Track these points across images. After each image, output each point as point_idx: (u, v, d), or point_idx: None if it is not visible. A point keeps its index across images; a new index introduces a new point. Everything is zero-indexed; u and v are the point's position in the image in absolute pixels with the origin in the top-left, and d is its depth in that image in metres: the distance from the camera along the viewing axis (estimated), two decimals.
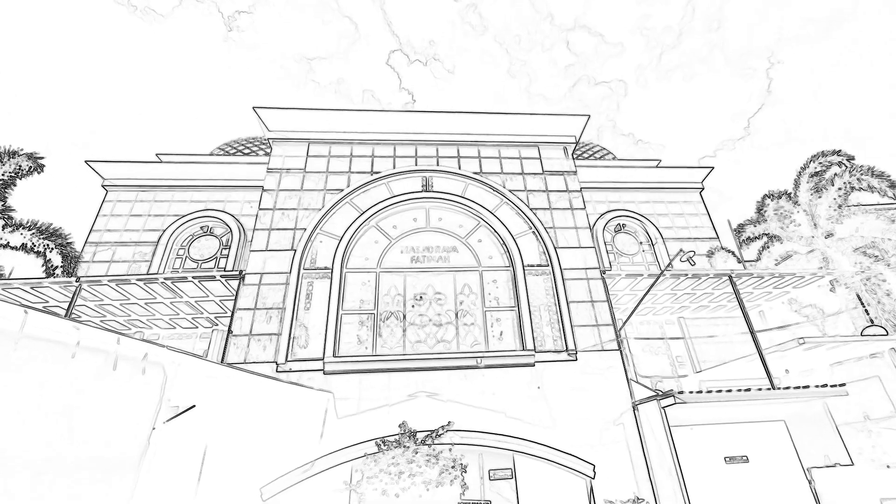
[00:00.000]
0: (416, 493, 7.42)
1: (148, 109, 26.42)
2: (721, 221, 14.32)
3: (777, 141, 27.05)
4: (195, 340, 12.20)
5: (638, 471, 8.21)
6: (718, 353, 12.38)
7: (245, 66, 27.71)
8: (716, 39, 28.03)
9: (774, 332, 12.40)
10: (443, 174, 11.67)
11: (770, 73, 27.48)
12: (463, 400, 8.72)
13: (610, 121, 30.83)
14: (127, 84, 25.97)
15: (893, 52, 24.59)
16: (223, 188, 13.11)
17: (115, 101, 25.76)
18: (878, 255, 11.95)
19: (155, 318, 11.69)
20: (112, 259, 11.92)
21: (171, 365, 5.14)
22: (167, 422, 4.97)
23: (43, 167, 11.82)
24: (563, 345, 9.56)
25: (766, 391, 8.37)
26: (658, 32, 28.66)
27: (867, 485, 8.30)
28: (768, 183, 14.49)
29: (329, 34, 28.21)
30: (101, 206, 12.59)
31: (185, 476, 5.44)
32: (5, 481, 3.55)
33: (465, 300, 10.17)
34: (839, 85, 26.04)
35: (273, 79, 28.34)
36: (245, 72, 27.81)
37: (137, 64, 25.99)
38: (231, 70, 27.53)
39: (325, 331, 9.34)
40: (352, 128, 11.89)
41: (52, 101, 24.15)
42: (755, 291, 12.12)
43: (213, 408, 5.83)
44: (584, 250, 10.85)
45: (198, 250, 12.43)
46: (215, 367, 6.20)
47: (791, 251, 13.04)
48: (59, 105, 24.28)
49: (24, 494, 3.67)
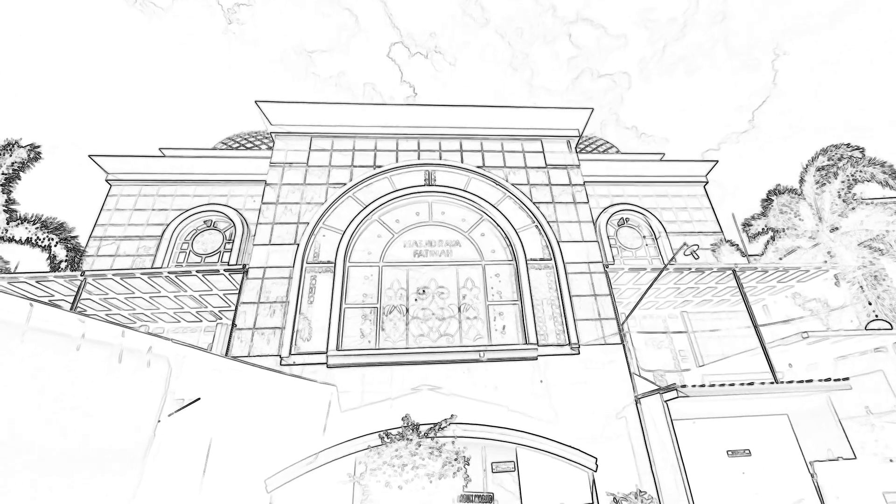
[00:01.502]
0: (420, 486, 7.47)
1: (150, 103, 26.40)
2: (725, 215, 14.25)
3: (782, 134, 26.84)
4: (199, 334, 12.26)
5: (640, 464, 8.24)
6: (721, 348, 12.38)
7: (245, 59, 27.62)
8: (720, 31, 27.76)
9: (778, 327, 12.38)
10: (445, 168, 11.64)
11: (776, 64, 27.22)
12: (465, 393, 8.75)
13: (613, 114, 30.65)
14: (129, 78, 25.93)
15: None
16: (226, 182, 13.11)
17: (118, 95, 25.74)
18: (882, 248, 11.89)
19: (159, 312, 11.74)
20: (116, 253, 11.96)
21: (175, 358, 5.16)
22: (172, 414, 5.00)
23: (40, 154, 11.82)
24: (565, 339, 9.56)
25: (769, 385, 8.36)
26: (662, 24, 28.38)
27: (870, 479, 8.30)
28: (773, 176, 14.41)
29: (329, 27, 28.04)
30: (104, 201, 12.62)
31: (190, 468, 5.48)
32: (11, 472, 3.58)
33: (468, 294, 10.17)
34: (845, 77, 25.78)
35: (273, 72, 28.25)
36: (246, 65, 27.72)
37: (138, 58, 25.93)
38: (231, 63, 27.45)
39: (328, 324, 9.37)
40: (354, 121, 11.85)
41: (55, 97, 24.14)
42: (759, 286, 12.08)
43: (218, 401, 5.87)
44: (587, 244, 10.82)
45: (201, 244, 12.46)
46: (220, 360, 6.22)
47: (795, 246, 12.98)
48: (61, 100, 24.28)
49: (29, 485, 3.71)
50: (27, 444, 3.72)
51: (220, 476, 5.87)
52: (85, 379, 4.18)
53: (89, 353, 4.20)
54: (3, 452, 3.54)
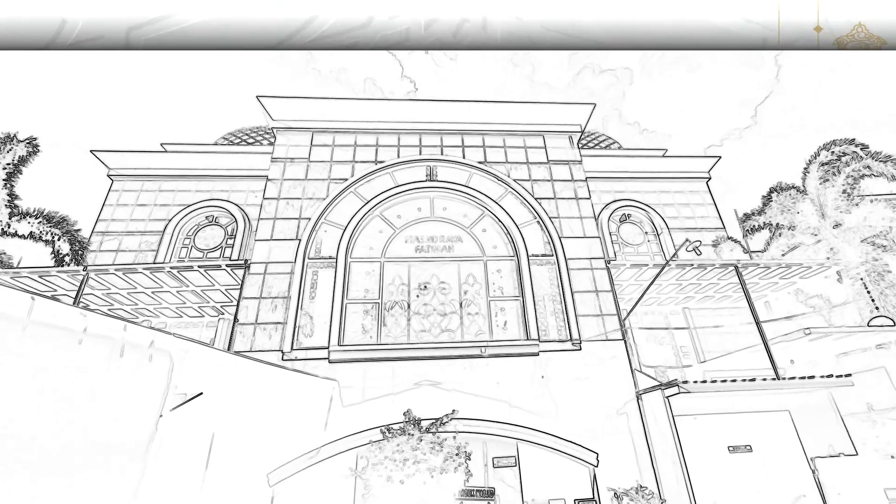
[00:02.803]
0: (421, 480, 7.49)
1: (151, 98, 26.34)
2: (728, 211, 14.20)
3: (785, 130, 26.68)
4: (202, 329, 12.29)
5: (641, 459, 8.25)
6: (723, 344, 12.35)
7: (245, 54, 27.50)
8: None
9: (780, 323, 12.35)
10: (447, 163, 11.61)
11: (779, 59, 27.03)
12: (467, 389, 8.76)
13: (615, 109, 30.47)
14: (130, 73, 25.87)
15: None
16: (228, 178, 13.10)
17: (119, 90, 25.69)
18: (885, 244, 11.84)
19: (162, 307, 11.77)
20: (119, 248, 11.97)
21: (178, 352, 5.17)
22: (175, 409, 5.02)
23: (37, 147, 11.83)
24: (567, 334, 9.56)
25: (770, 382, 8.35)
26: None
27: (871, 475, 8.31)
28: (776, 172, 14.32)
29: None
30: (106, 196, 12.63)
31: (192, 463, 5.50)
32: (13, 465, 3.60)
33: (470, 290, 10.17)
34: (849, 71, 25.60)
35: (273, 66, 28.15)
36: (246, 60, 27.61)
37: (139, 53, 25.84)
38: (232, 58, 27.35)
39: (329, 320, 9.38)
40: (356, 117, 11.82)
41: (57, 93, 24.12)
42: (761, 282, 12.05)
43: (221, 395, 5.88)
44: (588, 240, 10.80)
45: (203, 240, 12.47)
46: (222, 354, 6.24)
47: (798, 242, 12.93)
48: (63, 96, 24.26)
49: (31, 479, 3.72)
50: (28, 438, 3.73)
51: (222, 470, 5.89)
52: (87, 372, 4.19)
53: (91, 346, 4.21)
54: (3, 447, 3.55)
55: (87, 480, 4.09)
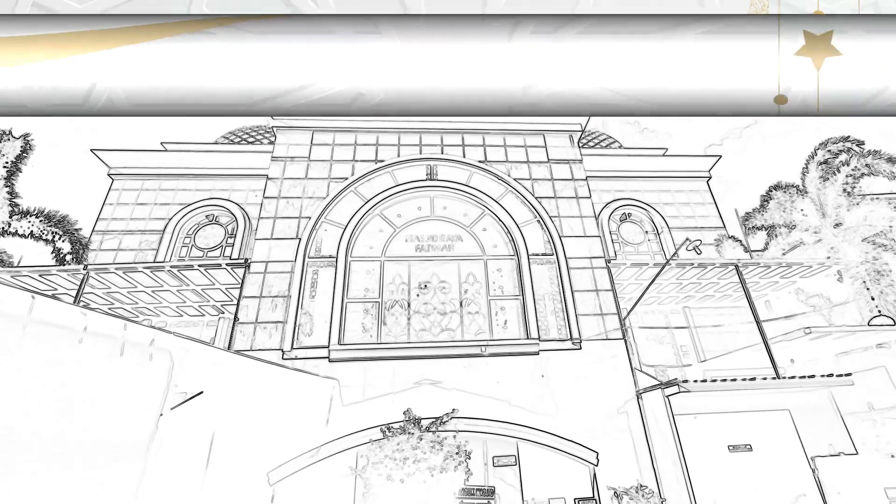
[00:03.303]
0: (421, 479, 7.50)
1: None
2: (728, 210, 14.18)
3: (785, 129, 26.68)
4: (202, 328, 12.30)
5: (641, 459, 8.25)
6: (723, 343, 12.35)
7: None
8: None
9: (780, 322, 12.35)
10: (447, 163, 11.61)
11: None
12: (467, 388, 8.77)
13: None
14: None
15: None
16: (228, 177, 13.08)
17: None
18: (886, 244, 11.84)
19: (162, 306, 11.78)
20: (119, 247, 11.97)
21: (178, 351, 5.18)
22: (175, 408, 5.02)
23: (31, 144, 11.86)
24: (567, 333, 9.56)
25: (771, 381, 8.35)
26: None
27: (871, 474, 8.31)
28: (776, 171, 14.31)
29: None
30: (107, 195, 12.62)
31: (193, 462, 5.51)
32: (13, 464, 3.60)
33: (470, 289, 10.17)
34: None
35: None
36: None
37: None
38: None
39: (330, 319, 9.38)
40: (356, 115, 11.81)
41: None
42: (761, 281, 12.05)
43: (221, 394, 5.89)
44: (589, 239, 10.80)
45: (203, 239, 12.47)
46: (222, 353, 6.25)
47: (798, 241, 12.92)
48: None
49: (31, 478, 3.73)
50: (29, 437, 3.74)
51: (222, 469, 5.90)
52: (87, 371, 4.19)
53: (91, 345, 4.21)
54: (3, 447, 3.56)
55: (87, 480, 4.09)
